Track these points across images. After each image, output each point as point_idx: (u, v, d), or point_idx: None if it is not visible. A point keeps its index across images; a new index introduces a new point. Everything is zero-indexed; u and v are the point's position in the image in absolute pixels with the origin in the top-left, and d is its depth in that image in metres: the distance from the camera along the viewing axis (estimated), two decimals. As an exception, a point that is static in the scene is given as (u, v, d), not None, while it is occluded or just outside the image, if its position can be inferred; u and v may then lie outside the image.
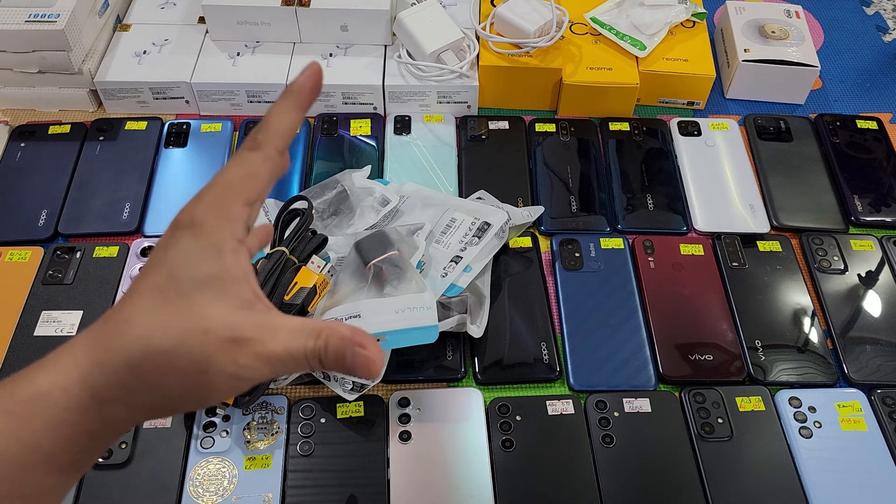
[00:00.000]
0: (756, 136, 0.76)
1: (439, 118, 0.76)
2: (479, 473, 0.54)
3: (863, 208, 0.71)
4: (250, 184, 0.32)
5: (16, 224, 0.67)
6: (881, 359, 0.61)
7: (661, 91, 0.78)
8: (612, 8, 0.80)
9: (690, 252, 0.67)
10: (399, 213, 0.65)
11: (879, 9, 0.93)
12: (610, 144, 0.75)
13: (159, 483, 0.53)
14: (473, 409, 0.57)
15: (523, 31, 0.74)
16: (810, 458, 0.56)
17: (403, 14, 0.74)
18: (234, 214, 0.32)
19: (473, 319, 0.59)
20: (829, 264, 0.67)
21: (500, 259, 0.65)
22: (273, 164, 0.33)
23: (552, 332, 0.61)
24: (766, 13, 0.82)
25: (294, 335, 0.31)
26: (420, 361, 0.59)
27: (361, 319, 0.54)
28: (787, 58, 0.78)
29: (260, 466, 0.54)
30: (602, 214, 0.70)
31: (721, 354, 0.61)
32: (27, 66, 0.73)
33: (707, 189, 0.72)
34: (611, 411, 0.57)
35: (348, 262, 0.58)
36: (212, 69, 0.75)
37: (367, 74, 0.75)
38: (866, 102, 0.82)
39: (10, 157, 0.72)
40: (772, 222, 0.70)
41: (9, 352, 0.59)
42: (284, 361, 0.31)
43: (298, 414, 0.57)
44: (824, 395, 0.59)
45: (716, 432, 0.57)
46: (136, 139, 0.74)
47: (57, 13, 0.70)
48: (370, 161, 0.71)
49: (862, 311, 0.64)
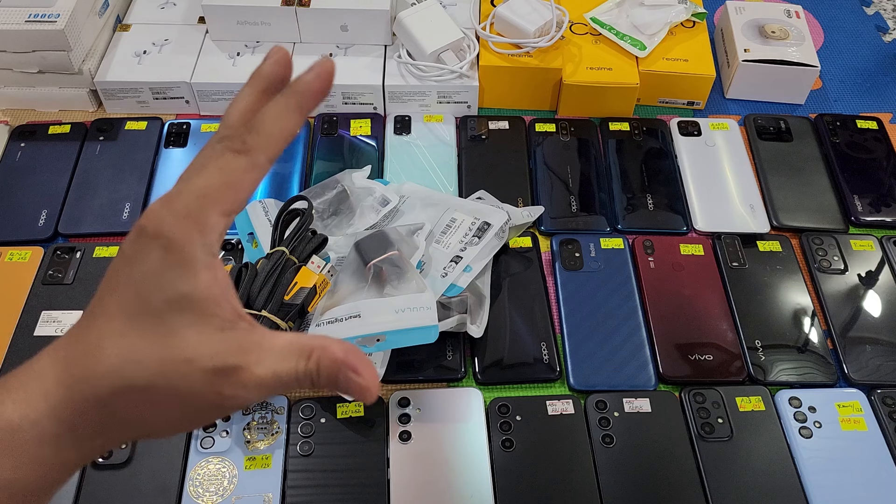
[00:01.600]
0: (756, 136, 0.76)
1: (439, 118, 0.76)
2: (479, 473, 0.54)
3: (863, 208, 0.71)
4: (230, 194, 0.28)
5: (16, 224, 0.67)
6: (881, 359, 0.61)
7: (661, 91, 0.78)
8: (612, 8, 0.80)
9: (690, 252, 0.67)
10: (399, 213, 0.65)
11: (879, 9, 0.93)
12: (610, 144, 0.75)
13: (159, 483, 0.53)
14: (473, 409, 0.57)
15: (523, 31, 0.74)
16: (810, 458, 0.56)
17: (403, 14, 0.74)
18: (208, 227, 0.28)
19: (473, 319, 0.59)
20: (829, 264, 0.67)
21: (500, 259, 0.65)
22: (260, 173, 0.29)
23: (552, 332, 0.61)
24: (766, 13, 0.82)
25: (283, 357, 0.28)
26: (420, 361, 0.59)
27: (361, 319, 0.54)
28: (787, 58, 0.78)
29: (260, 466, 0.54)
30: (602, 214, 0.70)
31: (721, 354, 0.61)
32: (27, 66, 0.73)
33: (707, 189, 0.72)
34: (611, 411, 0.57)
35: (348, 262, 0.58)
36: (212, 69, 0.75)
37: (367, 74, 0.75)
38: (866, 102, 0.82)
39: (10, 157, 0.72)
40: (772, 222, 0.70)
41: (9, 352, 0.59)
42: (273, 387, 0.28)
43: (298, 414, 0.57)
44: (824, 395, 0.59)
45: (716, 432, 0.57)
46: (136, 139, 0.74)
47: (57, 13, 0.70)
48: (370, 161, 0.71)
49: (862, 311, 0.64)
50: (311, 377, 0.28)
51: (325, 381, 0.28)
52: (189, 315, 0.27)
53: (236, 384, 0.27)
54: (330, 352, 0.28)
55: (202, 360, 0.27)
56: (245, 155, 0.29)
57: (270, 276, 0.55)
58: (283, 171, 0.72)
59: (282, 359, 0.28)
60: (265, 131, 0.29)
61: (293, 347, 0.28)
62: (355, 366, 0.28)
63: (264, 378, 0.28)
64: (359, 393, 0.28)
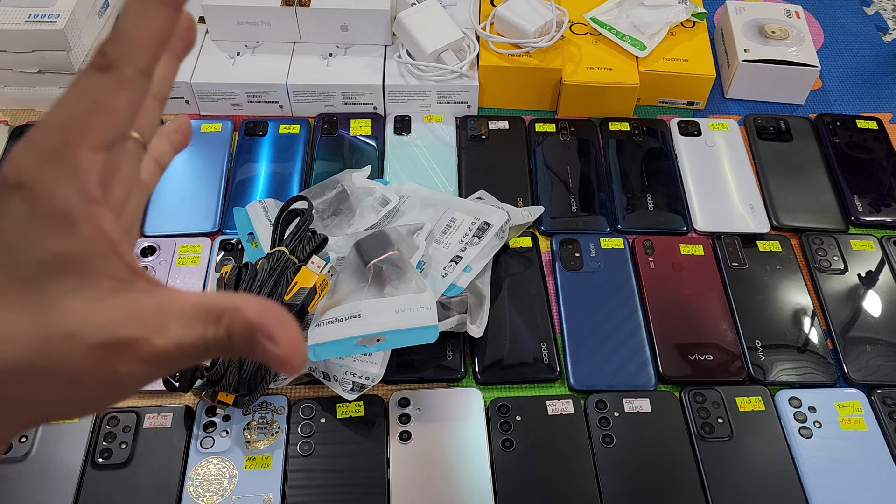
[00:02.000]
0: (756, 136, 0.76)
1: (439, 118, 0.76)
2: (479, 473, 0.54)
3: (863, 208, 0.71)
4: (100, 121, 0.23)
5: (16, 224, 0.67)
6: (881, 359, 0.61)
7: (661, 91, 0.78)
8: (612, 8, 0.80)
9: (690, 252, 0.67)
10: (399, 213, 0.65)
11: (879, 9, 0.93)
12: (610, 144, 0.75)
13: (159, 483, 0.53)
14: (473, 409, 0.57)
15: (523, 31, 0.74)
16: (810, 458, 0.56)
17: (403, 14, 0.74)
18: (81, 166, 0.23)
19: (473, 319, 0.59)
20: (829, 264, 0.67)
21: (500, 259, 0.65)
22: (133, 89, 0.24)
23: (552, 332, 0.61)
24: (766, 13, 0.82)
25: (188, 323, 0.23)
26: (420, 361, 0.59)
27: (361, 319, 0.54)
28: (787, 58, 0.78)
29: (260, 466, 0.54)
30: (602, 214, 0.70)
31: (721, 354, 0.61)
32: (27, 66, 0.73)
33: (707, 189, 0.72)
34: (611, 411, 0.57)
35: (348, 262, 0.58)
36: (212, 69, 0.75)
37: (367, 74, 0.75)
38: (866, 102, 0.82)
39: (10, 157, 0.72)
40: (772, 222, 0.70)
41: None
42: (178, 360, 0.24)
43: (298, 414, 0.57)
44: (824, 395, 0.59)
45: (716, 432, 0.57)
46: (136, 139, 0.74)
47: (57, 13, 0.70)
48: (370, 161, 0.71)
49: (862, 311, 0.64)
50: (223, 345, 0.24)
51: (238, 349, 0.24)
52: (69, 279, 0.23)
53: (132, 359, 0.23)
54: (242, 313, 0.23)
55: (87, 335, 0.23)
56: (109, 71, 0.23)
57: (270, 276, 0.55)
58: (283, 172, 0.72)
59: (188, 325, 0.24)
60: (125, 36, 0.23)
61: (200, 310, 0.24)
62: (272, 330, 0.23)
63: (167, 349, 0.23)
64: (276, 364, 0.24)
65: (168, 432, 0.55)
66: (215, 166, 0.72)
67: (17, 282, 0.23)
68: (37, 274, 0.23)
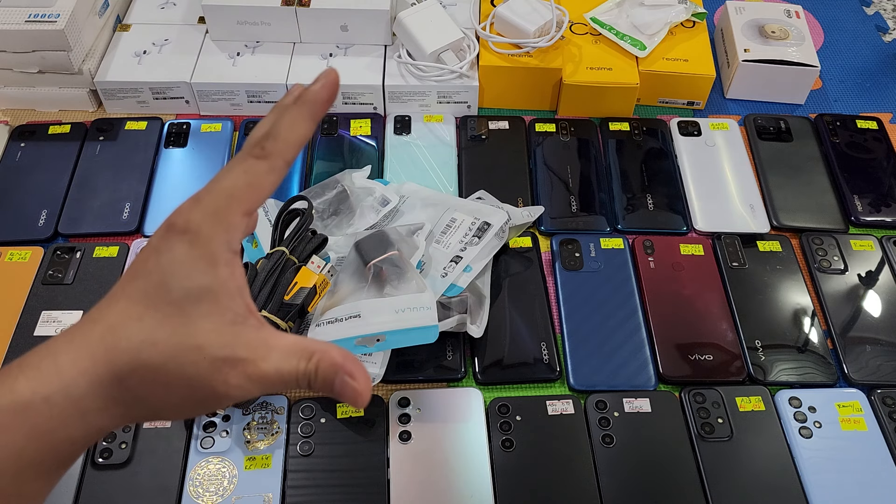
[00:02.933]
0: (756, 136, 0.76)
1: (439, 118, 0.76)
2: (479, 473, 0.54)
3: (863, 208, 0.71)
4: (253, 195, 0.32)
5: (16, 224, 0.67)
6: (881, 359, 0.61)
7: (661, 91, 0.78)
8: (612, 8, 0.80)
9: (690, 252, 0.67)
10: (399, 213, 0.65)
11: (879, 9, 0.93)
12: (610, 144, 0.75)
13: (159, 483, 0.53)
14: (473, 409, 0.57)
15: (523, 31, 0.74)
16: (810, 458, 0.56)
17: (403, 14, 0.74)
18: (232, 224, 0.31)
19: (473, 319, 0.59)
20: (829, 264, 0.67)
21: (500, 259, 0.65)
22: (278, 176, 0.32)
23: (552, 332, 0.61)
24: (766, 13, 0.82)
25: (286, 356, 0.30)
26: (420, 361, 0.59)
27: (361, 319, 0.54)
28: (787, 58, 0.78)
29: (260, 466, 0.54)
30: (602, 214, 0.70)
31: (721, 354, 0.61)
32: (27, 66, 0.73)
33: (707, 189, 0.72)
34: (611, 411, 0.57)
35: (348, 262, 0.58)
36: (212, 69, 0.75)
37: (367, 74, 0.75)
38: (866, 102, 0.82)
39: (10, 157, 0.72)
40: (772, 222, 0.70)
41: (9, 352, 0.59)
42: (274, 383, 0.30)
43: (298, 414, 0.57)
44: (824, 395, 0.59)
45: (716, 432, 0.57)
46: (136, 139, 0.74)
47: (57, 13, 0.70)
48: (370, 161, 0.71)
49: (862, 311, 0.64)
50: (310, 378, 0.30)
51: (321, 382, 0.30)
52: (205, 306, 0.29)
53: (241, 375, 0.29)
54: (330, 356, 0.30)
55: (212, 349, 0.29)
56: (265, 159, 0.32)
57: (270, 276, 0.55)
58: (283, 171, 0.71)
59: (285, 358, 0.30)
60: (281, 138, 0.32)
61: (297, 348, 0.30)
62: (352, 370, 0.30)
63: (268, 373, 0.30)
64: (352, 397, 0.30)
65: (168, 432, 0.55)
66: (215, 166, 0.72)
67: (166, 302, 0.29)
68: (182, 298, 0.29)
